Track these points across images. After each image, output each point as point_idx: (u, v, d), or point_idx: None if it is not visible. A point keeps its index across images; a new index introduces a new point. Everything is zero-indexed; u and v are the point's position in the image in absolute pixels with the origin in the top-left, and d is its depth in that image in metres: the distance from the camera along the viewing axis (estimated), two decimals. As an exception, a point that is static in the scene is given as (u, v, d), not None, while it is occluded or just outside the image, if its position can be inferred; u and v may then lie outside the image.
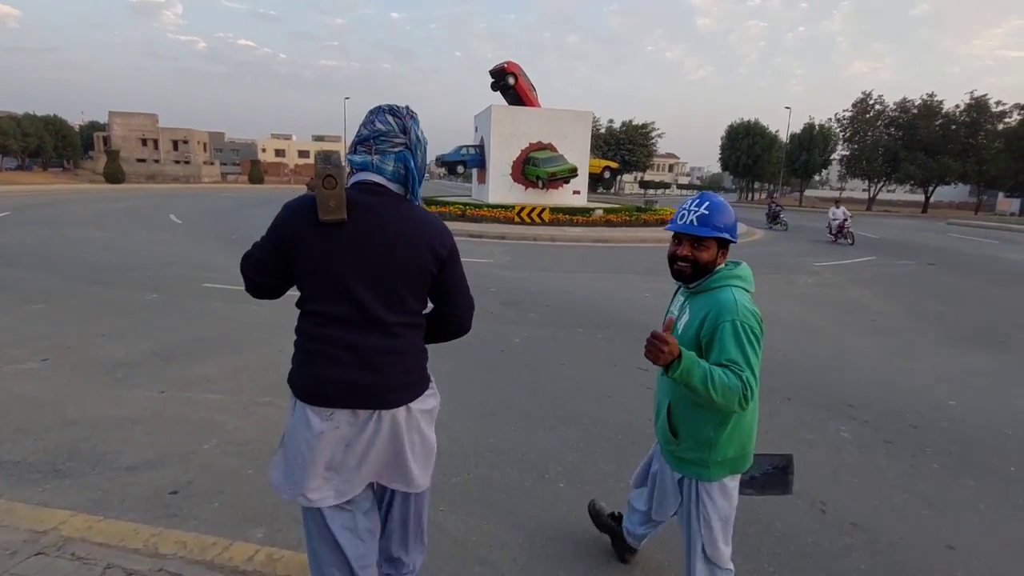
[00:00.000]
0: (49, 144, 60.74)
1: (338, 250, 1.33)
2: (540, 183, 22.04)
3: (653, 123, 48.50)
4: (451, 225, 16.63)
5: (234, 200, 27.72)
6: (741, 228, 18.78)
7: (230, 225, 16.34)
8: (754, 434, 1.75)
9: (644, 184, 62.94)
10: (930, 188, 40.00)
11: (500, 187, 22.53)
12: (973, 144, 37.29)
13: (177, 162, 58.17)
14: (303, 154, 77.42)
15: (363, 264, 1.34)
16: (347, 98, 51.96)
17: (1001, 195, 41.84)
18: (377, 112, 1.42)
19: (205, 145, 65.22)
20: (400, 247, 1.35)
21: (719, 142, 46.66)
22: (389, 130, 1.38)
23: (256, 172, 49.22)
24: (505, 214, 17.78)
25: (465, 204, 19.53)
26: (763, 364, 1.61)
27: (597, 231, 16.36)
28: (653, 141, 48.91)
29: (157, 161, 57.37)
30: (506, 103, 23.37)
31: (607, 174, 25.71)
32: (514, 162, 22.56)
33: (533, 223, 17.45)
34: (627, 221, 18.24)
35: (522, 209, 17.68)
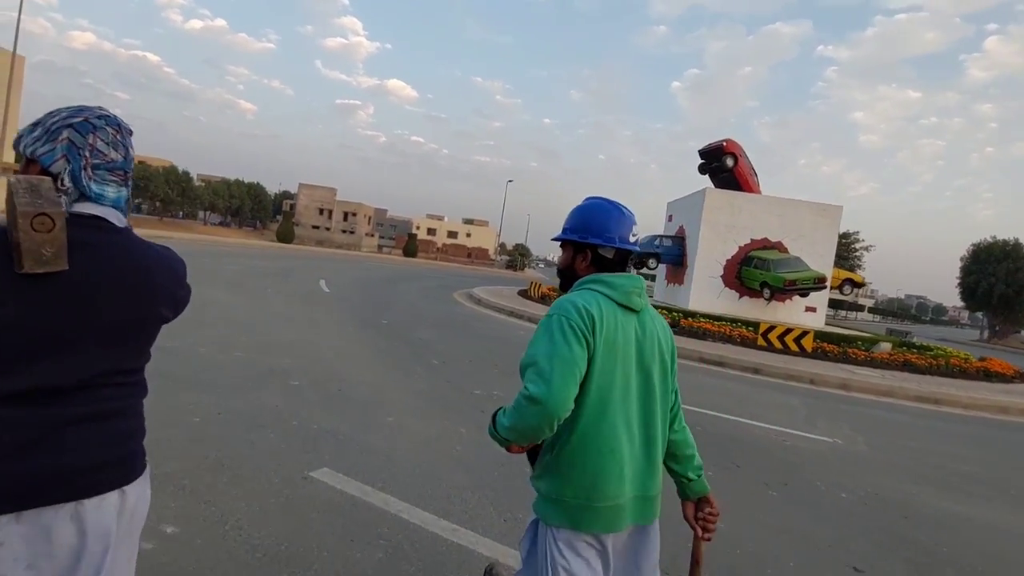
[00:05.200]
0: (247, 206, 68.90)
1: (51, 308, 0.95)
2: (766, 292, 16.48)
3: (857, 233, 40.54)
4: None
5: (387, 271, 25.87)
6: None
7: (381, 301, 13.06)
8: (611, 466, 1.25)
9: (834, 304, 52.89)
10: None
11: (706, 291, 17.36)
12: None
13: (344, 231, 62.21)
14: (451, 234, 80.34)
15: (87, 322, 0.98)
16: (510, 181, 51.71)
17: None
18: (88, 122, 1.02)
19: (370, 219, 69.83)
20: (133, 293, 1.03)
21: (957, 265, 37.04)
22: (112, 141, 1.04)
23: (412, 246, 49.85)
24: (741, 332, 12.42)
25: (672, 310, 14.59)
26: None
27: (916, 383, 10.22)
28: (857, 254, 40.58)
29: (328, 229, 61.83)
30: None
31: (848, 290, 19.37)
32: (727, 261, 17.44)
33: (785, 350, 11.83)
34: (935, 366, 11.80)
35: (770, 329, 12.19)
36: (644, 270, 20.93)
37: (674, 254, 18.81)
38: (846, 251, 40.05)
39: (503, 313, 14.05)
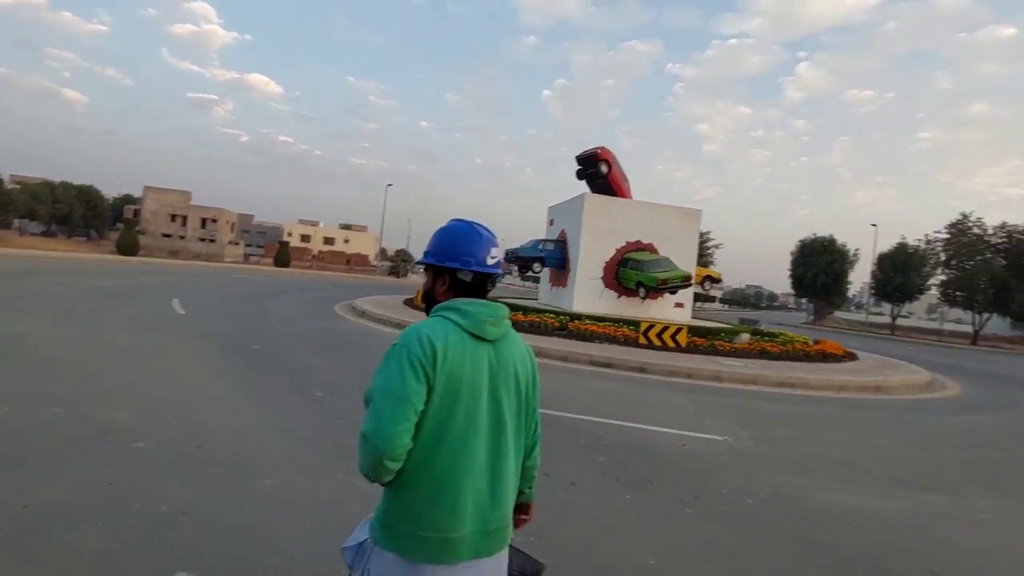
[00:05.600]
0: (78, 212, 59.33)
1: None
2: (641, 291, 17.51)
3: (709, 233, 45.28)
4: (549, 343, 11.46)
5: (256, 285, 23.52)
6: (922, 376, 13.51)
7: (250, 321, 11.66)
8: (443, 498, 1.22)
9: (695, 298, 58.74)
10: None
11: (588, 293, 18.01)
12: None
13: (202, 240, 55.90)
14: (328, 241, 76.45)
15: None
16: (390, 185, 50.03)
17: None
18: None
19: (233, 225, 63.57)
20: None
21: (788, 259, 43.09)
22: None
23: (284, 255, 46.08)
24: (624, 332, 12.98)
25: (559, 313, 14.87)
26: None
27: (774, 370, 11.35)
28: (710, 251, 45.35)
29: (183, 237, 55.13)
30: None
31: (708, 285, 21.33)
32: (606, 263, 18.25)
33: (664, 347, 12.58)
34: (786, 352, 13.30)
35: (650, 327, 12.88)
36: (529, 274, 21.32)
37: (557, 257, 19.31)
38: (702, 250, 44.58)
39: (390, 326, 13.33)
